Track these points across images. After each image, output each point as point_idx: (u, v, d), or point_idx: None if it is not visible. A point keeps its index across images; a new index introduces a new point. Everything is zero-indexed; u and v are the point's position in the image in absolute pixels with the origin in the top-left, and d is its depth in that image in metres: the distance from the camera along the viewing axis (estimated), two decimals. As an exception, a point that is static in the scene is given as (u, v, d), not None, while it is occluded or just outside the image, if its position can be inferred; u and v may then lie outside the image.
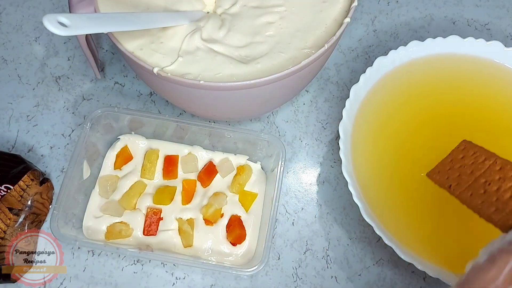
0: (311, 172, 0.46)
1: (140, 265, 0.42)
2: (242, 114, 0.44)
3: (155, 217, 0.42)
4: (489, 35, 0.54)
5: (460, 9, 0.56)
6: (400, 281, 0.41)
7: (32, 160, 0.45)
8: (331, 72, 0.51)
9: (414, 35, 0.54)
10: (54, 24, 0.28)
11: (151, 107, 0.49)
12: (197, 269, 0.41)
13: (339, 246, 0.43)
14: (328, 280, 0.42)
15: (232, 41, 0.39)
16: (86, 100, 0.49)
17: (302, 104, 0.49)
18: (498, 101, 0.46)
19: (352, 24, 0.54)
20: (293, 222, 0.44)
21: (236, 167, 0.44)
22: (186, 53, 0.37)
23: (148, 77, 0.38)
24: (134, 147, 0.45)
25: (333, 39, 0.36)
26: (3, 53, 0.51)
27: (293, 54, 0.38)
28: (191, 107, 0.42)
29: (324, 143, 0.48)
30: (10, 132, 0.47)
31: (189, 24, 0.39)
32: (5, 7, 0.54)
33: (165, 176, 0.44)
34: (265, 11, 0.40)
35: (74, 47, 0.52)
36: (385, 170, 0.43)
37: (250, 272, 0.37)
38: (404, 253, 0.37)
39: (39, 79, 0.50)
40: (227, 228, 0.42)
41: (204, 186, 0.43)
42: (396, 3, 0.56)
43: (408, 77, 0.46)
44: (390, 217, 0.40)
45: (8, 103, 0.49)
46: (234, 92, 0.36)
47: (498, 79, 0.46)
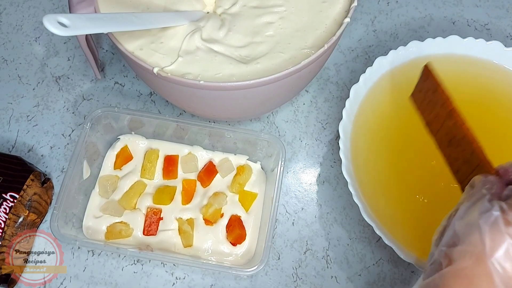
0: (311, 172, 0.46)
1: (140, 265, 0.42)
2: (242, 114, 0.44)
3: (155, 217, 0.42)
4: (488, 35, 0.54)
5: (459, 9, 0.56)
6: (400, 281, 0.41)
7: (32, 160, 0.45)
8: (331, 72, 0.51)
9: (414, 35, 0.54)
10: (54, 24, 0.28)
11: (151, 107, 0.49)
12: (197, 269, 0.41)
13: (339, 246, 0.43)
14: (328, 280, 0.42)
15: (232, 41, 0.39)
16: (86, 100, 0.49)
17: (302, 104, 0.49)
18: (498, 101, 0.46)
19: (352, 24, 0.54)
20: (293, 222, 0.44)
21: (236, 167, 0.44)
22: (186, 53, 0.37)
23: (148, 77, 0.38)
24: (134, 147, 0.45)
25: (333, 39, 0.36)
26: (3, 53, 0.51)
27: (293, 54, 0.38)
28: (191, 107, 0.42)
29: (324, 143, 0.48)
30: (10, 132, 0.47)
31: (189, 24, 0.39)
32: (5, 7, 0.54)
33: (165, 176, 0.44)
34: (265, 11, 0.40)
35: (74, 47, 0.52)
36: (385, 170, 0.43)
37: (250, 272, 0.37)
38: (404, 253, 0.37)
39: (39, 79, 0.50)
40: (227, 228, 0.42)
41: (204, 186, 0.43)
42: (395, 3, 0.56)
43: (408, 77, 0.46)
44: (390, 217, 0.40)
45: (8, 103, 0.49)
46: (234, 92, 0.36)
47: (497, 79, 0.46)
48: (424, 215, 0.41)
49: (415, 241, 0.39)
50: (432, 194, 0.42)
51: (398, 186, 0.42)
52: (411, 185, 0.42)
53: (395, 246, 0.37)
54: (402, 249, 0.38)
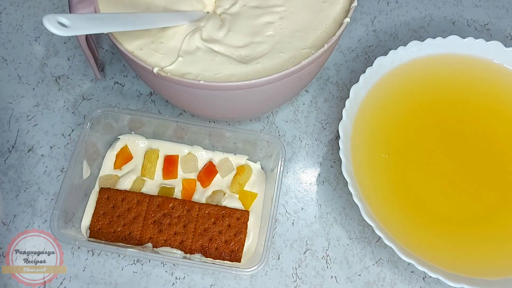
0: (311, 172, 0.46)
1: (140, 265, 0.42)
2: (242, 114, 0.44)
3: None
4: (488, 35, 0.54)
5: (459, 9, 0.56)
6: (400, 281, 0.42)
7: (32, 160, 0.45)
8: (331, 72, 0.51)
9: (414, 35, 0.54)
10: (54, 24, 0.28)
11: (151, 107, 0.49)
12: (197, 269, 0.41)
13: (339, 246, 0.43)
14: (328, 280, 0.42)
15: (232, 41, 0.39)
16: (86, 100, 0.49)
17: (302, 104, 0.49)
18: (497, 101, 0.46)
19: (352, 24, 0.54)
20: (293, 222, 0.44)
21: (236, 167, 0.44)
22: (186, 53, 0.37)
23: (148, 77, 0.38)
24: (134, 147, 0.45)
25: (333, 39, 0.36)
26: (3, 53, 0.51)
27: (293, 54, 0.38)
28: (191, 107, 0.42)
29: (324, 143, 0.48)
30: (10, 132, 0.47)
31: (189, 24, 0.39)
32: (5, 7, 0.54)
33: (165, 176, 0.44)
34: (265, 11, 0.40)
35: (74, 47, 0.52)
36: (385, 170, 0.43)
37: (250, 272, 0.37)
38: (404, 253, 0.37)
39: (39, 79, 0.50)
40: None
41: (204, 186, 0.43)
42: (395, 3, 0.56)
43: (408, 77, 0.46)
44: (390, 217, 0.40)
45: (8, 103, 0.49)
46: (234, 92, 0.36)
47: (497, 79, 0.46)
48: (424, 215, 0.41)
49: (415, 241, 0.39)
50: (432, 194, 0.42)
51: (398, 186, 0.42)
52: (411, 185, 0.42)
53: (395, 246, 0.37)
54: (402, 249, 0.38)
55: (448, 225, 0.41)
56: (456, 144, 0.44)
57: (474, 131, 0.45)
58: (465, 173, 0.43)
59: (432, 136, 0.44)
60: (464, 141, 0.44)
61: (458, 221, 0.41)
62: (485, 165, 0.43)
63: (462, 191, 0.42)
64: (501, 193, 0.42)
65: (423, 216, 0.41)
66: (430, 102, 0.46)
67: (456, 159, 0.43)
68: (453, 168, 0.43)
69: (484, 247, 0.40)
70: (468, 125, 0.45)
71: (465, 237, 0.40)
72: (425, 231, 0.40)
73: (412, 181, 0.42)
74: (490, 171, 0.43)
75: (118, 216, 0.41)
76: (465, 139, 0.44)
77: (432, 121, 0.45)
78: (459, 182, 0.43)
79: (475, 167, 0.43)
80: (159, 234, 0.40)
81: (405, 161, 0.43)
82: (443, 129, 0.45)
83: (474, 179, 0.43)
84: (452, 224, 0.41)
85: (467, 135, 0.45)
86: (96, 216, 0.41)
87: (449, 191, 0.42)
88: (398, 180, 0.42)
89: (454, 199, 0.42)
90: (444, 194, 0.42)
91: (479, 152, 0.44)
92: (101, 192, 0.42)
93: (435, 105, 0.46)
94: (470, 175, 0.43)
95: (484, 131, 0.45)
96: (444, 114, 0.45)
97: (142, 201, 0.41)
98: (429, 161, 0.43)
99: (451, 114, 0.45)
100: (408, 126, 0.45)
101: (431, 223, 0.41)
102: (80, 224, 0.42)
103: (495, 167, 0.43)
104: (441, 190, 0.42)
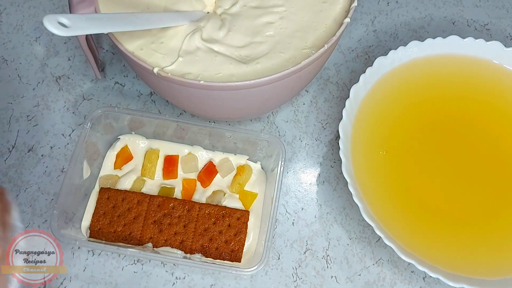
0: (311, 172, 0.46)
1: (140, 265, 0.42)
2: (242, 114, 0.44)
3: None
4: (488, 36, 0.54)
5: (459, 9, 0.56)
6: (400, 281, 0.42)
7: (32, 160, 0.45)
8: (331, 72, 0.51)
9: (414, 35, 0.54)
10: (54, 24, 0.28)
11: (151, 107, 0.49)
12: (197, 269, 0.41)
13: (339, 246, 0.43)
14: (328, 280, 0.42)
15: (232, 41, 0.39)
16: (86, 100, 0.49)
17: (302, 104, 0.50)
18: (497, 101, 0.46)
19: (352, 24, 0.54)
20: (293, 222, 0.44)
21: (236, 167, 0.44)
22: (186, 53, 0.38)
23: (148, 77, 0.38)
24: (134, 147, 0.45)
25: (333, 39, 0.37)
26: (3, 53, 0.51)
27: (293, 54, 0.38)
28: (191, 107, 0.42)
29: (324, 143, 0.48)
30: (10, 132, 0.47)
31: (189, 24, 0.39)
32: (5, 7, 0.54)
33: (165, 176, 0.44)
34: (265, 11, 0.40)
35: (74, 47, 0.52)
36: (385, 170, 0.43)
37: (250, 272, 0.37)
38: (404, 253, 0.37)
39: (39, 79, 0.50)
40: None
41: (204, 186, 0.43)
42: (396, 4, 0.56)
43: (408, 77, 0.46)
44: (390, 217, 0.40)
45: (8, 103, 0.49)
46: (234, 92, 0.36)
47: (497, 79, 0.47)
48: (424, 215, 0.41)
49: (415, 241, 0.39)
50: (432, 194, 0.42)
51: (398, 186, 0.42)
52: (412, 185, 0.42)
53: (395, 246, 0.37)
54: (402, 249, 0.38)
55: (448, 225, 0.41)
56: (456, 144, 0.44)
57: (474, 131, 0.45)
58: (465, 174, 0.43)
59: (432, 136, 0.44)
60: (465, 141, 0.44)
61: (458, 221, 0.41)
62: (485, 165, 0.43)
63: (462, 191, 0.42)
64: (501, 192, 0.42)
65: (423, 216, 0.41)
66: (430, 102, 0.46)
67: (457, 159, 0.43)
68: (455, 169, 0.43)
69: (484, 247, 0.40)
70: (469, 125, 0.45)
71: (465, 237, 0.40)
72: (425, 231, 0.40)
73: (412, 182, 0.42)
74: (490, 172, 0.43)
75: (118, 216, 0.41)
76: (466, 139, 0.44)
77: (432, 121, 0.45)
78: (459, 182, 0.43)
79: (475, 168, 0.43)
80: (159, 234, 0.40)
81: (405, 161, 0.43)
82: (443, 129, 0.45)
83: (474, 179, 0.43)
84: (452, 224, 0.41)
85: (467, 135, 0.45)
86: (96, 216, 0.41)
87: (450, 192, 0.42)
88: (399, 181, 0.42)
89: (455, 199, 0.42)
90: (444, 194, 0.42)
91: (479, 152, 0.44)
92: (101, 192, 0.42)
93: (435, 105, 0.46)
94: (470, 176, 0.43)
95: (484, 131, 0.45)
96: (444, 114, 0.46)
97: (143, 201, 0.41)
98: (430, 161, 0.43)
99: (451, 114, 0.46)
100: (408, 126, 0.45)
101: (431, 223, 0.41)
102: (80, 224, 0.42)
103: (495, 167, 0.43)
104: (441, 190, 0.42)
